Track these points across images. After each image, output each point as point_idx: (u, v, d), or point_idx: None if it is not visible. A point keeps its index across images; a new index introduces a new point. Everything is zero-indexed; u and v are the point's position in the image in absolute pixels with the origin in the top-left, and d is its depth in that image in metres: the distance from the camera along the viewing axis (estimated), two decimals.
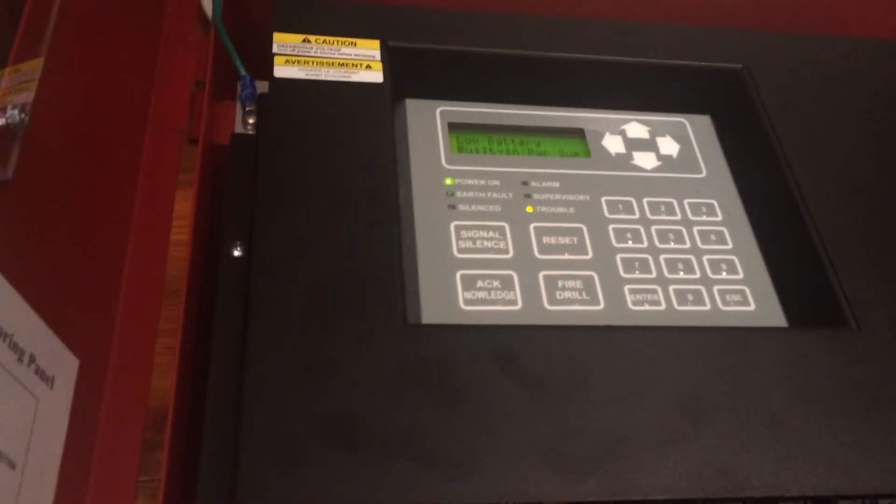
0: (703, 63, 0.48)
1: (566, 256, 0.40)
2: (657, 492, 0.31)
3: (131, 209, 0.43)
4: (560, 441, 0.32)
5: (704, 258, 0.42)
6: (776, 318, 0.40)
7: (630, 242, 0.41)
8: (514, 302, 0.38)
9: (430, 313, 0.37)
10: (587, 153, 0.45)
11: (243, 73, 0.46)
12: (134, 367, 0.39)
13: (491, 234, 0.40)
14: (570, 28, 0.48)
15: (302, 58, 0.43)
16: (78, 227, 0.37)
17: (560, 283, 0.39)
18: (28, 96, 0.32)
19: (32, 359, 0.30)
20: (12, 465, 0.28)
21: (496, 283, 0.39)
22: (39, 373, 0.31)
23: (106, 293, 0.40)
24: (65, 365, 0.33)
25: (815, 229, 0.41)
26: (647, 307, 0.39)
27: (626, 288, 0.40)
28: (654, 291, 0.40)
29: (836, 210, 0.42)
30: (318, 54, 0.43)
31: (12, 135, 0.29)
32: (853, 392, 0.36)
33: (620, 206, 0.43)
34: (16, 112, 0.29)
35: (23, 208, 0.31)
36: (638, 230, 0.42)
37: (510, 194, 0.42)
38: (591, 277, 0.40)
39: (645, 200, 0.43)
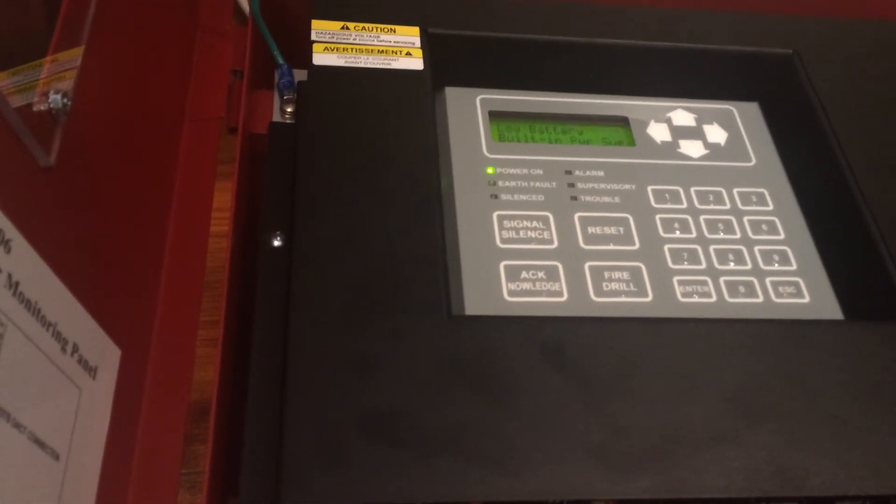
0: (751, 48, 0.46)
1: (612, 247, 0.39)
2: (712, 491, 0.30)
3: (171, 199, 0.43)
4: (610, 437, 0.31)
5: (756, 249, 0.40)
6: (832, 310, 0.39)
7: (678, 233, 0.40)
8: (559, 293, 0.37)
9: (474, 304, 0.36)
10: (632, 142, 0.44)
11: (281, 61, 0.46)
12: (175, 359, 0.38)
13: (535, 223, 0.39)
14: (614, 14, 0.47)
15: (341, 45, 0.42)
16: (118, 216, 0.37)
17: (606, 275, 0.38)
18: (68, 84, 0.31)
19: (76, 349, 0.30)
20: (56, 457, 0.28)
21: (541, 274, 0.38)
22: (83, 363, 0.30)
23: (146, 283, 0.39)
24: (107, 355, 0.33)
25: (871, 217, 0.40)
26: (696, 299, 0.38)
27: (675, 279, 0.38)
28: (703, 283, 0.39)
29: (892, 197, 0.41)
30: (357, 41, 0.43)
31: (55, 120, 0.29)
32: None
33: (667, 196, 0.42)
34: (58, 97, 0.28)
35: (65, 196, 0.31)
36: (686, 220, 0.41)
37: (553, 183, 0.41)
38: (638, 268, 0.39)
39: (692, 189, 0.42)
